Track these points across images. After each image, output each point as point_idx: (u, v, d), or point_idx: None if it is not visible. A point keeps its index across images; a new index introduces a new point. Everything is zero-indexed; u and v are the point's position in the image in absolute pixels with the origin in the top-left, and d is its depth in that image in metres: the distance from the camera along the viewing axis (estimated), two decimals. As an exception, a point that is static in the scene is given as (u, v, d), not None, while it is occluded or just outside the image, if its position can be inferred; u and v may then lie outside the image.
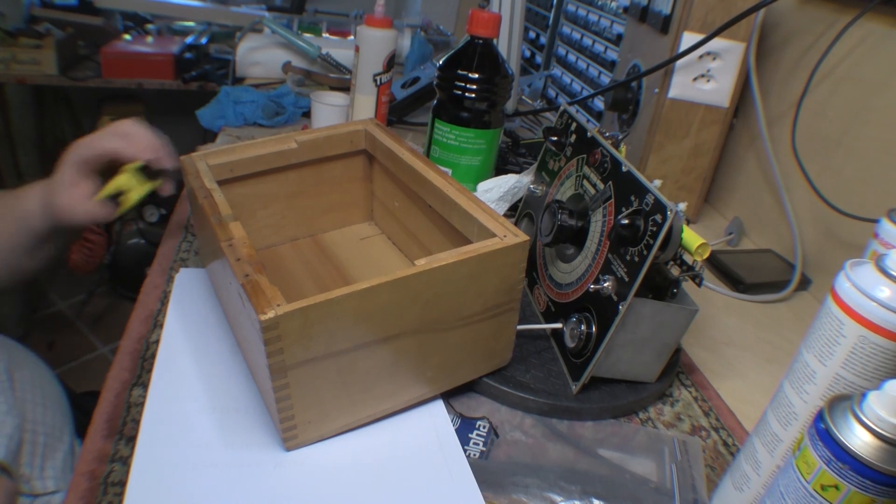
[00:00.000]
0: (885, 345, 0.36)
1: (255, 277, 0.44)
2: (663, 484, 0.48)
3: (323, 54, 1.32)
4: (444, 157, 0.81)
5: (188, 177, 0.59)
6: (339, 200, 0.71)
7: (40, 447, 0.70)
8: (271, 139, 0.65)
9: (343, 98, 0.97)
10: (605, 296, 0.51)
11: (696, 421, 0.56)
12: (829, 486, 0.33)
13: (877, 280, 0.36)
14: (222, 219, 0.51)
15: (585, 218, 0.57)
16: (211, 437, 0.47)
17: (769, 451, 0.42)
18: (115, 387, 0.52)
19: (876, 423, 0.32)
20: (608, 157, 0.56)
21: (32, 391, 0.72)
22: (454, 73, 0.76)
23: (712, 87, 0.85)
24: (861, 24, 0.72)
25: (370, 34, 0.89)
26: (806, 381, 0.39)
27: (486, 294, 0.49)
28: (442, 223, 0.59)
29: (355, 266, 0.67)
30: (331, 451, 0.47)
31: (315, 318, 0.42)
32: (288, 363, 0.42)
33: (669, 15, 0.83)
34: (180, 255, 0.69)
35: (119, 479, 0.44)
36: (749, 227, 0.91)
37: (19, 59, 1.82)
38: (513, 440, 0.51)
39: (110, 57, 1.87)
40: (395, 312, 0.45)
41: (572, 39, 1.24)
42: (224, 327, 0.59)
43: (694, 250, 0.51)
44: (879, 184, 0.71)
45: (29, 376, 0.73)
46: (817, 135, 0.80)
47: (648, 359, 0.55)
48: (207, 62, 1.94)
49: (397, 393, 0.50)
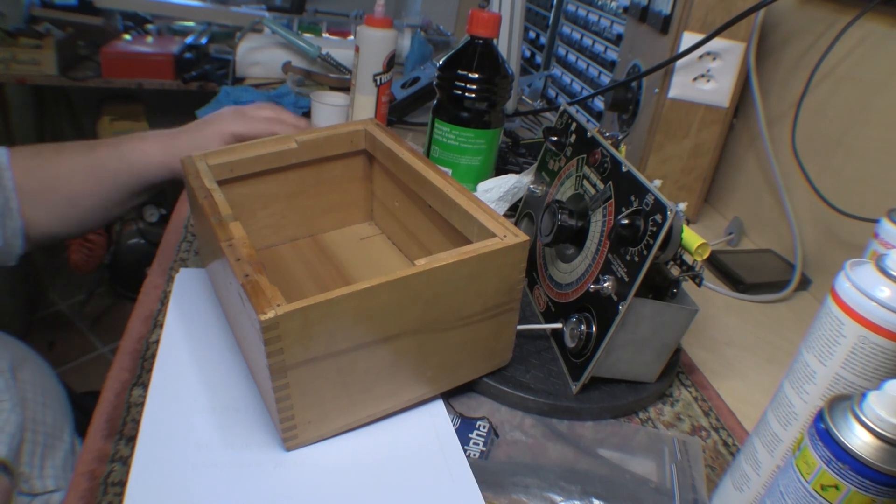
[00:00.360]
0: (885, 345, 0.36)
1: (255, 277, 0.44)
2: (663, 484, 0.48)
3: (323, 54, 1.32)
4: (444, 157, 0.81)
5: (188, 177, 0.59)
6: (339, 200, 0.71)
7: (40, 446, 0.70)
8: (271, 139, 0.65)
9: (343, 98, 0.97)
10: (605, 296, 0.51)
11: (696, 421, 0.56)
12: (829, 486, 0.33)
13: (877, 280, 0.36)
14: (222, 219, 0.51)
15: (585, 218, 0.57)
16: (211, 437, 0.47)
17: (769, 451, 0.42)
18: (115, 387, 0.52)
19: (876, 423, 0.32)
20: (608, 157, 0.56)
21: (34, 390, 0.72)
22: (454, 73, 0.76)
23: (712, 87, 0.85)
24: (861, 24, 0.72)
25: (370, 34, 0.89)
26: (806, 381, 0.39)
27: (486, 294, 0.49)
28: (442, 223, 0.59)
29: (355, 266, 0.67)
30: (331, 452, 0.48)
31: (315, 318, 0.42)
32: (288, 363, 0.42)
33: (669, 15, 0.83)
34: (180, 255, 0.69)
35: (119, 479, 0.44)
36: (749, 227, 0.91)
37: (19, 59, 1.82)
38: (513, 440, 0.51)
39: (110, 57, 1.87)
40: (395, 312, 0.45)
41: (572, 39, 1.24)
42: (224, 327, 0.59)
43: (694, 250, 0.51)
44: (879, 184, 0.71)
45: (31, 375, 0.73)
46: (817, 135, 0.80)
47: (648, 359, 0.55)
48: (207, 62, 1.95)
49: (397, 393, 0.50)
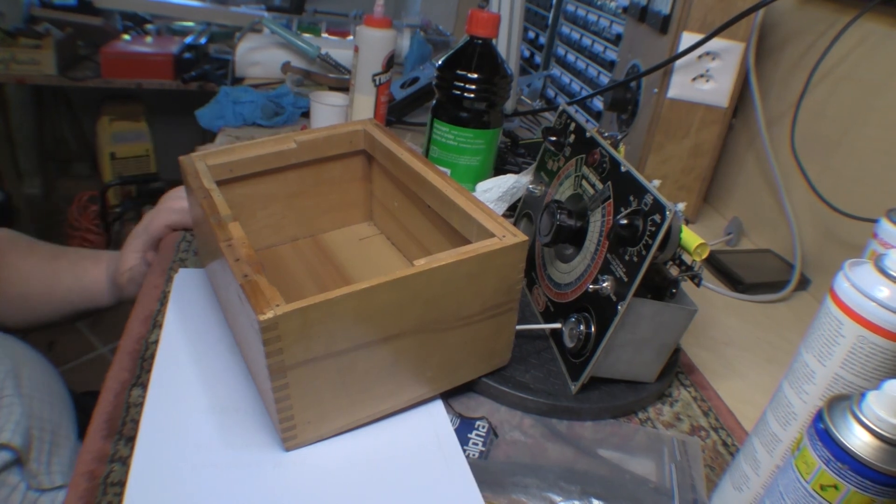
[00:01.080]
0: (885, 345, 0.36)
1: (254, 278, 0.44)
2: (663, 484, 0.48)
3: (322, 54, 1.32)
4: (443, 157, 0.81)
5: (187, 177, 0.59)
6: (338, 200, 0.71)
7: (47, 444, 0.70)
8: (271, 139, 0.65)
9: (342, 98, 0.97)
10: (604, 296, 0.51)
11: (696, 421, 0.56)
12: (828, 486, 0.33)
13: (876, 280, 0.36)
14: (221, 219, 0.51)
15: (584, 218, 0.57)
16: (210, 437, 0.47)
17: (768, 451, 0.42)
18: (115, 387, 0.52)
19: (875, 423, 0.32)
20: (607, 157, 0.56)
21: (39, 389, 0.73)
22: (453, 73, 0.76)
23: (712, 87, 0.85)
24: (861, 24, 0.72)
25: (369, 34, 0.89)
26: (805, 381, 0.39)
27: (485, 294, 0.49)
28: (441, 223, 0.59)
29: (355, 266, 0.67)
30: (330, 452, 0.47)
31: (314, 319, 0.42)
32: (287, 363, 0.42)
33: (669, 15, 0.83)
34: (180, 255, 0.69)
35: (119, 479, 0.44)
36: (748, 227, 0.91)
37: (19, 59, 1.83)
38: (512, 440, 0.51)
39: (110, 57, 1.87)
40: (394, 312, 0.45)
41: (571, 39, 1.24)
42: (223, 327, 0.58)
43: (693, 250, 0.51)
44: (879, 184, 0.71)
45: (35, 374, 0.74)
46: (817, 135, 0.80)
47: (648, 359, 0.55)
48: (207, 62, 1.95)
49: (397, 393, 0.50)
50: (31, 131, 2.41)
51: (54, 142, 2.55)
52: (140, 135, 2.26)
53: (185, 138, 2.00)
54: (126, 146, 2.25)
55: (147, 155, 2.29)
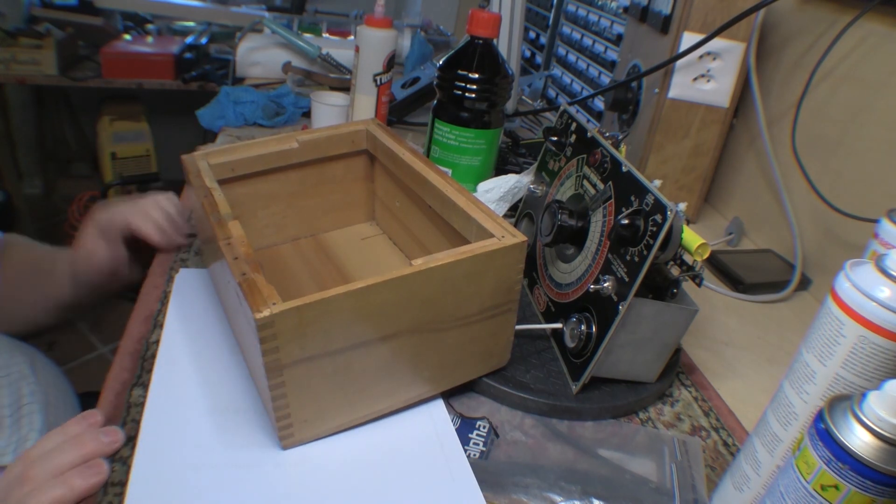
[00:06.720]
0: (885, 345, 0.36)
1: (252, 276, 0.44)
2: (663, 484, 0.48)
3: (323, 54, 1.32)
4: (444, 158, 0.81)
5: (189, 176, 0.59)
6: (340, 200, 0.71)
7: None
8: (273, 138, 0.65)
9: (343, 98, 0.97)
10: (605, 296, 0.51)
11: (696, 421, 0.56)
12: (829, 486, 0.33)
13: (877, 280, 0.36)
14: (221, 217, 0.51)
15: (585, 218, 0.57)
16: (211, 437, 0.47)
17: (769, 451, 0.42)
18: (115, 387, 0.52)
19: (876, 423, 0.32)
20: (608, 157, 0.56)
21: (54, 392, 0.73)
22: (454, 73, 0.76)
23: (712, 87, 0.85)
24: (861, 25, 0.72)
25: (370, 34, 0.89)
26: (806, 382, 0.39)
27: (483, 294, 0.49)
28: (442, 223, 0.59)
29: (356, 266, 0.67)
30: (331, 451, 0.47)
31: (311, 317, 0.42)
32: (283, 361, 0.42)
33: (669, 15, 0.83)
34: (180, 255, 0.69)
35: (119, 479, 0.44)
36: (749, 227, 0.91)
37: (19, 59, 1.82)
38: (513, 440, 0.51)
39: (110, 57, 1.87)
40: (391, 312, 0.45)
41: (572, 39, 1.24)
42: (224, 327, 0.58)
43: (694, 250, 0.51)
44: (879, 184, 0.71)
45: (47, 377, 0.74)
46: (817, 135, 0.80)
47: (648, 359, 0.55)
48: (207, 62, 1.94)
49: (394, 393, 0.50)
50: (32, 131, 2.41)
51: (55, 142, 2.55)
52: (140, 135, 2.26)
53: (185, 138, 2.00)
54: (127, 146, 2.25)
55: (148, 155, 2.29)
